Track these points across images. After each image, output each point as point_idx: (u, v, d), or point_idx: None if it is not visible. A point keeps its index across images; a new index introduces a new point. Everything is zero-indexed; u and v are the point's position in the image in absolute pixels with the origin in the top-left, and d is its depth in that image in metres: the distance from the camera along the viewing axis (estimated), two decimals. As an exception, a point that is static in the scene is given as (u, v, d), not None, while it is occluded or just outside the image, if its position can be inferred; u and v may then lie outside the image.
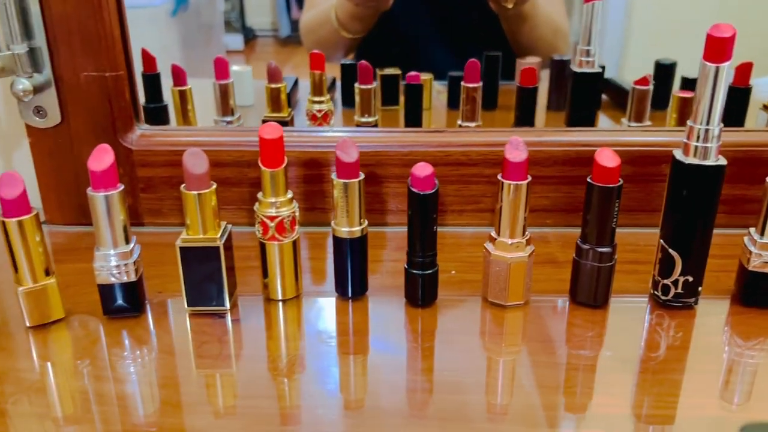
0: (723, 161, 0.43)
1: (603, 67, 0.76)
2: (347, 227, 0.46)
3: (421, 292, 0.47)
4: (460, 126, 0.71)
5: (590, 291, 0.46)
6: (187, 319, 0.47)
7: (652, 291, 0.48)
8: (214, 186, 0.44)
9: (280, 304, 0.49)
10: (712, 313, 0.48)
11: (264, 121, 0.71)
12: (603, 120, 0.79)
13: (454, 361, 0.43)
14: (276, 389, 0.41)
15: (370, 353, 0.45)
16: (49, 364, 0.43)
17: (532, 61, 0.80)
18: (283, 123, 0.71)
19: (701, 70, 0.41)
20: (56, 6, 0.52)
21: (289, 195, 0.46)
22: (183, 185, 0.44)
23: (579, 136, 0.58)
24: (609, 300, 0.48)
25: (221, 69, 0.70)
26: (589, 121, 0.69)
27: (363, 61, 0.70)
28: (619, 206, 0.44)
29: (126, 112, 0.56)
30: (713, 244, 0.46)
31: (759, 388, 0.41)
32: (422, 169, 0.43)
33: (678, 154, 0.44)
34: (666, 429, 0.39)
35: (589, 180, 0.44)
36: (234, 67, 0.83)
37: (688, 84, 0.78)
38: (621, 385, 0.41)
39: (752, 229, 0.46)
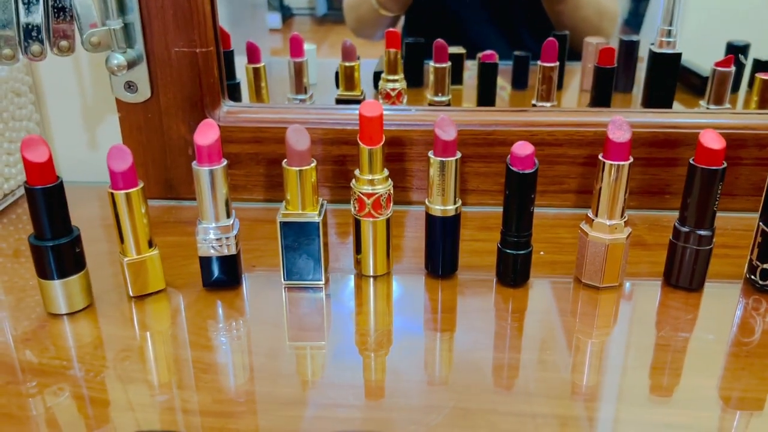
0: (835, 145, 0.42)
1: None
2: (441, 206, 0.46)
3: (513, 271, 0.47)
4: (534, 106, 0.70)
5: (687, 274, 0.46)
6: (283, 292, 0.48)
7: (748, 275, 0.47)
8: (315, 163, 0.44)
9: (371, 280, 0.49)
10: (810, 299, 0.47)
11: (337, 100, 0.72)
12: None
13: (543, 341, 0.43)
14: (363, 363, 0.42)
15: (457, 331, 0.45)
16: (148, 333, 0.44)
17: (600, 41, 0.78)
18: (356, 101, 0.71)
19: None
20: (150, -18, 0.53)
21: (386, 173, 0.46)
22: (285, 161, 0.44)
23: (664, 117, 0.58)
24: (704, 284, 0.47)
25: (296, 47, 0.71)
26: (668, 103, 0.68)
27: (439, 40, 0.70)
28: (721, 189, 0.43)
29: (214, 88, 0.57)
30: None
31: None
32: (523, 148, 0.43)
33: (786, 136, 0.43)
34: (754, 414, 0.38)
35: (691, 162, 0.44)
36: (306, 46, 0.83)
37: (761, 66, 0.76)
38: (711, 369, 0.41)
39: None
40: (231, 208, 0.45)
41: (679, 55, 0.66)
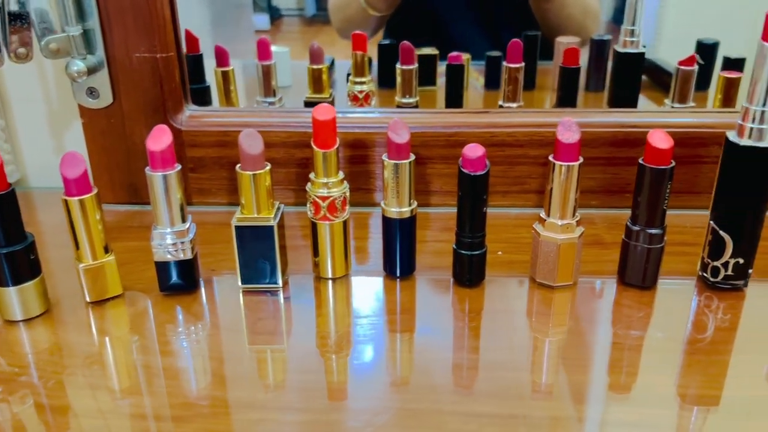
0: (779, 143, 0.42)
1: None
2: (397, 207, 0.46)
3: (469, 272, 0.47)
4: (501, 107, 0.71)
5: (640, 272, 0.46)
6: (241, 296, 0.48)
7: (700, 273, 0.48)
8: (269, 167, 0.45)
9: (330, 282, 0.49)
10: (763, 295, 0.48)
11: (306, 103, 0.72)
12: (641, 100, 0.78)
13: (500, 341, 0.44)
14: (325, 365, 0.42)
15: (416, 332, 0.45)
16: (107, 338, 0.45)
17: (571, 41, 0.79)
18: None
19: (759, 50, 0.41)
20: (109, -13, 0.53)
21: (341, 176, 0.46)
22: (238, 165, 0.45)
23: (625, 117, 0.58)
24: (657, 281, 0.48)
25: (264, 50, 0.71)
26: (632, 102, 0.68)
27: (405, 42, 0.70)
28: (670, 188, 0.44)
29: (176, 92, 0.57)
30: (766, 225, 0.46)
31: None
32: (473, 150, 0.44)
33: (732, 135, 0.43)
34: (711, 410, 0.39)
35: (640, 161, 0.44)
36: (273, 48, 0.83)
37: (731, 64, 0.77)
38: (667, 366, 0.41)
39: (806, 212, 0.46)
40: (186, 212, 0.46)
41: (642, 55, 0.67)
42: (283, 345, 0.44)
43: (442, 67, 0.80)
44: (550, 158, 0.45)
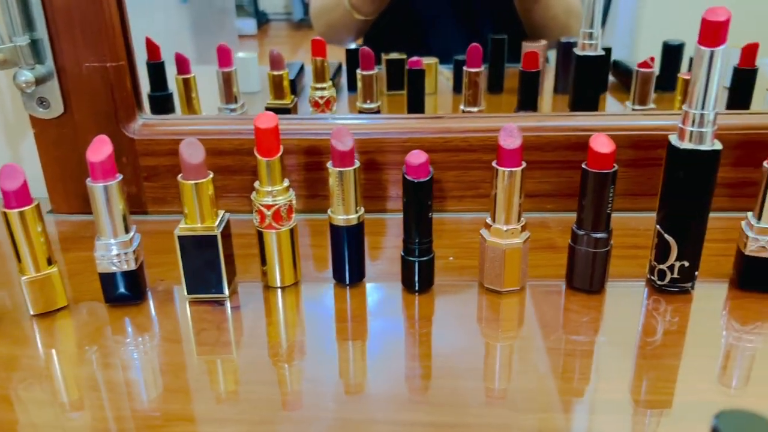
0: (718, 146, 0.42)
1: (608, 50, 0.76)
2: (343, 215, 0.46)
3: (417, 278, 0.47)
4: (463, 111, 0.71)
5: (586, 276, 0.46)
6: (188, 306, 0.48)
7: (648, 276, 0.48)
8: (211, 175, 0.45)
9: (279, 291, 0.49)
10: (710, 297, 0.48)
11: (267, 109, 0.72)
12: (612, 103, 0.79)
13: (451, 347, 0.44)
14: (277, 374, 0.42)
15: (368, 339, 0.45)
16: (53, 351, 0.44)
17: (537, 44, 0.79)
18: (286, 110, 0.71)
19: (696, 54, 0.41)
20: (57, -3, 0.53)
21: (286, 183, 0.46)
22: (180, 175, 0.44)
23: (579, 120, 0.58)
24: (605, 285, 0.48)
25: (224, 57, 0.71)
26: (593, 105, 0.69)
27: (364, 47, 0.70)
28: (614, 192, 0.44)
29: (128, 101, 0.57)
30: (715, 228, 0.46)
31: (757, 372, 0.41)
32: (416, 157, 0.44)
33: (673, 139, 0.43)
34: (664, 413, 0.39)
35: (583, 166, 0.44)
36: (240, 54, 0.83)
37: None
38: (618, 370, 0.41)
39: (749, 214, 0.46)
40: (130, 222, 0.45)
41: (601, 58, 0.67)
42: (232, 355, 0.44)
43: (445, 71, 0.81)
44: (494, 164, 0.45)
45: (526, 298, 0.48)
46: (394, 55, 0.81)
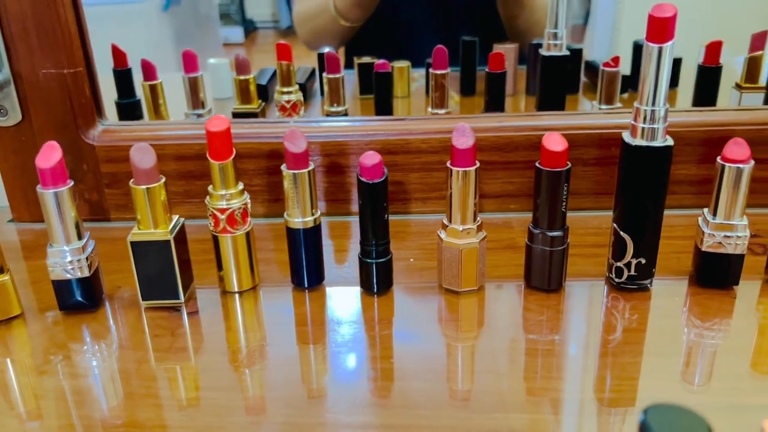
0: (670, 142, 0.42)
1: (578, 50, 0.76)
2: (300, 218, 0.46)
3: (375, 280, 0.47)
4: (431, 113, 0.71)
5: (543, 275, 0.46)
6: (144, 313, 0.47)
7: (607, 274, 0.48)
8: (163, 180, 0.44)
9: (237, 295, 0.49)
10: (670, 294, 0.48)
11: (234, 114, 0.72)
12: (585, 103, 0.79)
13: (412, 349, 0.43)
14: (238, 380, 0.42)
15: (328, 342, 0.45)
16: (7, 360, 0.44)
17: (507, 46, 0.79)
18: (253, 115, 0.71)
19: (644, 50, 0.41)
20: (11, 4, 0.52)
21: (240, 186, 0.46)
22: (132, 180, 0.44)
23: (541, 120, 0.58)
24: (563, 284, 0.48)
25: (190, 62, 0.71)
26: (560, 105, 0.69)
27: (329, 51, 0.70)
28: (568, 190, 0.44)
29: (87, 108, 0.56)
30: (679, 224, 0.46)
31: (719, 369, 0.41)
32: (370, 158, 0.43)
33: (626, 136, 0.43)
34: (629, 411, 0.39)
35: (537, 165, 0.44)
36: (211, 60, 0.83)
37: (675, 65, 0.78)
38: (580, 369, 0.41)
39: (705, 210, 0.46)
40: (83, 229, 0.45)
41: (566, 57, 0.67)
42: (191, 362, 0.44)
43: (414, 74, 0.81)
44: (448, 164, 0.44)
45: (485, 297, 0.48)
46: (365, 59, 0.81)
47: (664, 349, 0.43)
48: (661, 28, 0.40)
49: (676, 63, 0.77)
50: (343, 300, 0.49)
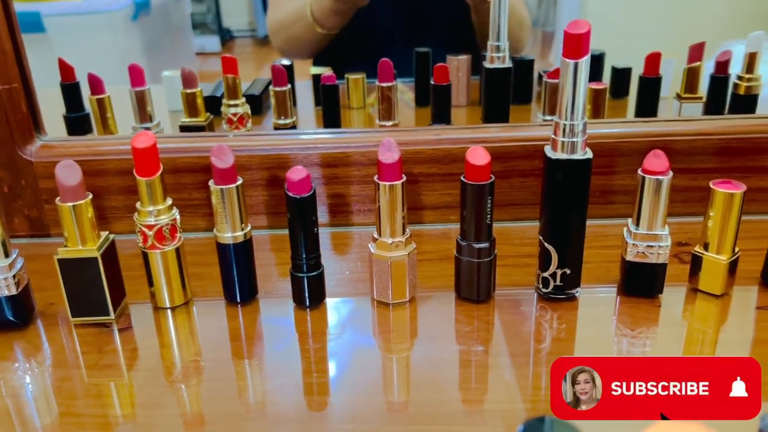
0: (589, 155, 0.43)
1: (530, 61, 0.77)
2: (229, 233, 0.46)
3: (307, 294, 0.47)
4: (378, 125, 0.71)
5: (472, 286, 0.47)
6: (74, 329, 0.47)
7: (536, 284, 0.49)
8: (90, 197, 0.44)
9: (169, 311, 0.49)
10: (597, 303, 0.49)
11: (181, 128, 0.72)
12: (538, 114, 0.80)
13: (347, 362, 0.44)
14: (175, 396, 0.42)
15: (264, 357, 0.45)
16: (-64, 380, 0.43)
17: (461, 58, 0.80)
18: (200, 128, 0.71)
19: (561, 66, 0.42)
20: (-56, 21, 0.52)
21: (168, 202, 0.46)
22: (58, 198, 0.44)
23: (479, 133, 0.59)
24: (492, 294, 0.48)
25: (136, 76, 0.70)
26: (504, 117, 0.70)
27: (276, 64, 0.71)
28: (492, 202, 0.45)
29: (24, 124, 0.56)
30: (612, 234, 0.47)
31: None
32: (297, 173, 0.44)
33: (548, 149, 0.44)
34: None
35: (462, 178, 0.45)
36: (165, 73, 0.83)
37: (617, 74, 0.80)
38: (513, 379, 0.42)
39: (629, 220, 0.47)
40: (10, 246, 0.45)
41: (509, 70, 0.68)
42: (123, 379, 0.44)
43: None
44: (375, 179, 0.45)
45: (416, 309, 0.48)
46: (316, 70, 0.82)
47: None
48: (576, 44, 0.41)
49: (626, 73, 0.79)
50: (277, 314, 0.49)
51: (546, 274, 0.46)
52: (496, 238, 0.56)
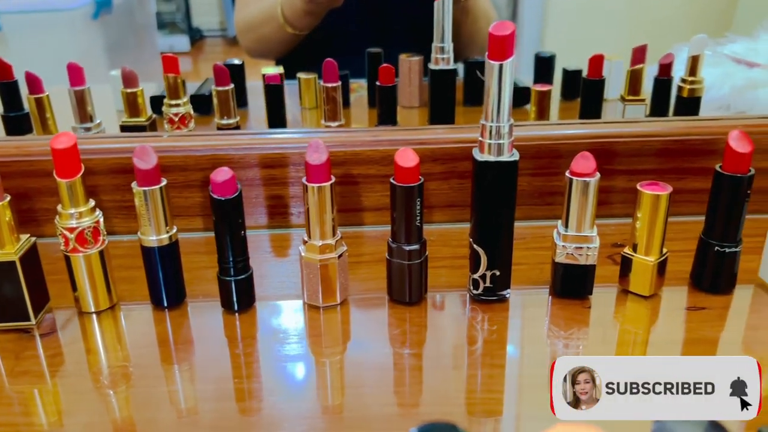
0: (516, 156, 0.43)
1: (475, 63, 0.77)
2: (154, 236, 0.45)
3: (236, 298, 0.46)
4: (324, 125, 0.71)
5: (403, 289, 0.47)
6: (-7, 336, 0.46)
7: (468, 286, 0.48)
8: (8, 198, 0.43)
9: (94, 316, 0.48)
10: (528, 304, 0.49)
11: (122, 127, 0.70)
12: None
13: (278, 366, 0.43)
14: (103, 403, 0.41)
15: (194, 362, 0.44)
16: None
17: (413, 59, 0.80)
18: (142, 128, 0.70)
19: (486, 68, 0.42)
20: None
21: (91, 204, 0.45)
22: (-28, 200, 0.43)
23: (415, 134, 0.59)
24: (425, 296, 0.48)
25: (75, 75, 0.69)
26: (449, 118, 0.70)
27: (218, 64, 0.70)
28: (422, 205, 0.44)
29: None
30: (548, 235, 0.47)
31: None
32: (221, 174, 0.43)
33: (475, 152, 0.44)
34: (497, 420, 0.39)
35: (391, 180, 0.44)
36: (112, 72, 0.81)
37: (567, 75, 0.80)
38: (447, 381, 0.42)
39: (559, 222, 0.47)
40: None
41: (454, 71, 0.68)
42: (47, 385, 0.42)
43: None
44: (303, 180, 0.44)
45: (348, 312, 0.48)
46: (268, 71, 0.81)
47: (526, 360, 0.44)
48: (500, 45, 0.41)
49: (576, 75, 0.79)
50: (205, 318, 0.48)
51: (476, 276, 0.46)
52: (436, 239, 0.56)
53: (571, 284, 0.47)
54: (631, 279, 0.47)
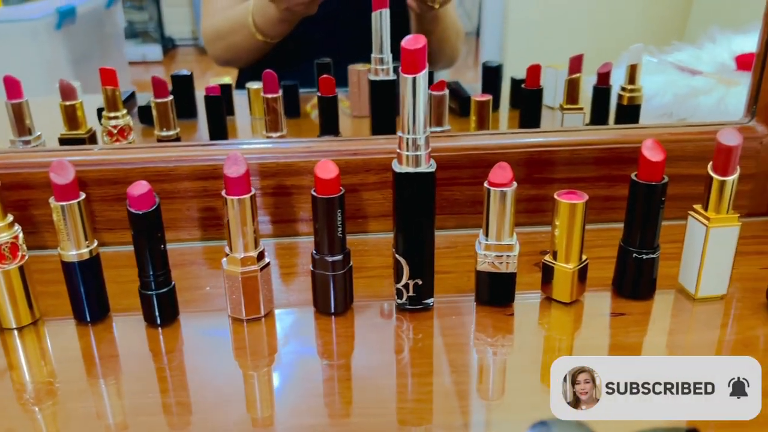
0: (433, 167, 0.44)
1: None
2: (74, 250, 0.45)
3: (158, 312, 0.46)
4: (265, 136, 0.71)
5: (327, 300, 0.47)
6: None
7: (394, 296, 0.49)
8: None
9: (16, 332, 0.47)
10: (452, 312, 0.49)
11: (60, 140, 0.70)
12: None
13: (206, 379, 0.43)
14: (29, 420, 0.40)
15: (121, 376, 0.44)
16: None
17: (361, 68, 0.80)
18: (81, 141, 0.69)
19: (402, 82, 0.42)
20: None
21: (9, 219, 0.44)
22: None
23: (348, 145, 0.59)
24: (351, 306, 0.48)
25: (13, 88, 0.68)
26: (391, 128, 0.70)
27: (156, 76, 0.69)
28: (343, 215, 0.45)
29: None
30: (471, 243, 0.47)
31: (511, 383, 0.43)
32: (137, 188, 0.43)
33: (394, 163, 0.45)
34: (428, 429, 0.39)
35: (312, 192, 0.45)
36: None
37: (516, 85, 0.81)
38: (378, 391, 0.42)
39: (480, 231, 0.48)
40: None
41: (394, 82, 0.69)
42: (-33, 403, 0.42)
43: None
44: (223, 193, 0.44)
45: (273, 324, 0.48)
46: (215, 81, 0.81)
47: (455, 368, 0.44)
48: (413, 59, 0.41)
49: (515, 84, 0.80)
50: (129, 332, 0.48)
51: (399, 286, 0.47)
52: (370, 249, 0.57)
53: (494, 292, 0.48)
54: (553, 286, 0.48)
